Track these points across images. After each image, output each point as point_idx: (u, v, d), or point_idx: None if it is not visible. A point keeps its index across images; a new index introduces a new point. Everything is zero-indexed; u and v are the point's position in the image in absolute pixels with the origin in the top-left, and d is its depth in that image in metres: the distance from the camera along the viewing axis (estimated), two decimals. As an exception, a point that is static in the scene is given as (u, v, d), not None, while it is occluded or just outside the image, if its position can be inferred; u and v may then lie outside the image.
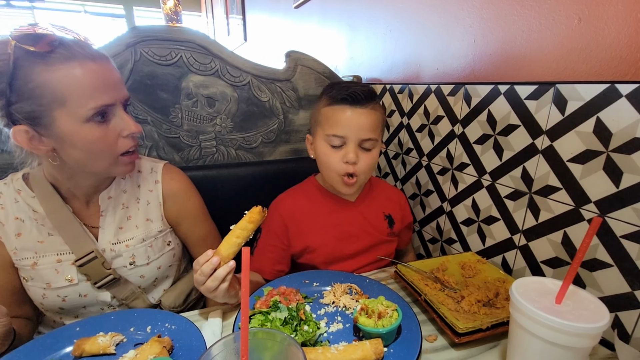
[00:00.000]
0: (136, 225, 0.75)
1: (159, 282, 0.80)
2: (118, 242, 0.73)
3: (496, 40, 0.77)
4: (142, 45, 0.97)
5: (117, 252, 0.72)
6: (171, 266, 0.82)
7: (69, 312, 0.73)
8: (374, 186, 0.95)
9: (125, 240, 0.73)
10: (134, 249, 0.74)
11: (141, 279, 0.75)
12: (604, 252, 0.61)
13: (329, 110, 0.79)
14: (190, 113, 1.06)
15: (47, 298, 0.69)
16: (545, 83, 0.67)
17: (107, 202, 0.73)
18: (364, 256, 0.89)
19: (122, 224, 0.74)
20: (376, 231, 0.90)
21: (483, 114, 0.80)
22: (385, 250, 0.92)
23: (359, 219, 0.88)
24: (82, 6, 4.68)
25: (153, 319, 0.63)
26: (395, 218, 0.93)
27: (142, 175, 0.79)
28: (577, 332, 0.41)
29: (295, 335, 0.57)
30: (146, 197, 0.77)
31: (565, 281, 0.45)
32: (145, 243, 0.75)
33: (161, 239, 0.78)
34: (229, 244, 0.62)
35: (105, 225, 0.73)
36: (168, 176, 0.81)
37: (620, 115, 0.56)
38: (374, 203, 0.92)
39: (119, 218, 0.74)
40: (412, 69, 1.04)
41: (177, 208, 0.81)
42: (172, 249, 0.81)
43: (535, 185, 0.71)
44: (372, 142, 0.78)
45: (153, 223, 0.77)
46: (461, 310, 0.64)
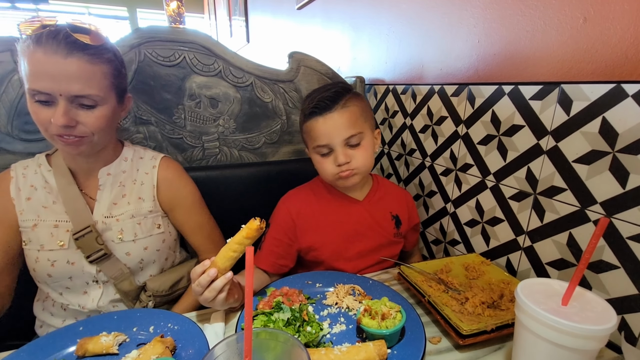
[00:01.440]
0: (128, 202, 0.80)
1: (145, 265, 0.81)
2: (110, 216, 0.77)
3: (500, 40, 0.77)
4: (146, 47, 0.97)
5: (107, 225, 0.77)
6: (159, 251, 0.83)
7: (57, 282, 0.75)
8: (381, 186, 0.94)
9: (116, 215, 0.78)
10: (123, 224, 0.78)
11: (127, 256, 0.78)
12: (610, 254, 0.60)
13: (307, 125, 0.82)
14: (193, 114, 1.07)
15: (39, 262, 0.73)
16: (550, 83, 0.66)
17: (105, 178, 0.79)
18: (370, 256, 0.89)
19: (116, 200, 0.79)
20: (383, 231, 0.90)
21: (487, 114, 0.80)
22: (391, 252, 0.92)
23: (366, 218, 0.89)
24: (87, 8, 4.72)
25: (156, 319, 0.63)
26: (402, 219, 0.93)
27: (143, 161, 0.85)
28: (584, 334, 0.41)
29: (298, 336, 0.57)
30: (142, 178, 0.83)
31: (572, 282, 0.45)
32: (134, 220, 0.79)
33: (151, 220, 0.81)
34: (225, 258, 0.61)
35: (101, 199, 0.78)
36: (165, 164, 0.86)
37: (627, 115, 0.56)
38: (381, 203, 0.92)
39: (114, 194, 0.79)
40: (416, 69, 1.04)
41: (171, 194, 0.84)
42: (161, 232, 0.83)
43: (540, 186, 0.70)
44: (356, 137, 0.79)
45: (144, 202, 0.81)
46: (465, 312, 0.63)
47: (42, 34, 0.62)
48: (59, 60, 0.62)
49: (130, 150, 0.85)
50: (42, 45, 0.61)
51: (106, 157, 0.80)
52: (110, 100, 0.71)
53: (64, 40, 0.62)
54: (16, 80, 0.86)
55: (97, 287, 0.77)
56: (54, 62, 0.61)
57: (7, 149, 0.88)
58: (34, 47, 0.61)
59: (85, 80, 0.64)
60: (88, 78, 0.65)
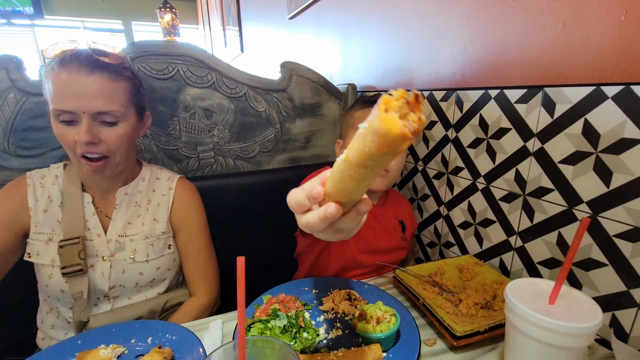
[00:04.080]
0: (142, 223, 0.81)
1: (156, 284, 0.82)
2: (125, 235, 0.79)
3: (485, 46, 0.79)
4: (140, 61, 0.99)
5: (121, 245, 0.78)
6: (170, 270, 0.84)
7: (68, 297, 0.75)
8: (389, 194, 1.00)
9: (130, 234, 0.79)
10: (137, 244, 0.79)
11: (140, 276, 0.79)
12: (598, 252, 0.61)
13: (362, 112, 0.87)
14: (188, 125, 1.08)
15: (52, 278, 0.73)
16: (534, 87, 0.68)
17: (122, 197, 0.80)
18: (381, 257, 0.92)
19: (131, 219, 0.80)
20: (395, 233, 0.95)
21: (475, 118, 0.82)
22: (397, 257, 0.97)
23: (381, 221, 0.93)
24: (82, 22, 4.75)
25: (154, 330, 0.63)
26: (407, 224, 0.98)
27: (160, 182, 0.87)
28: (571, 332, 0.42)
29: (294, 342, 0.58)
30: (158, 199, 0.84)
31: (558, 281, 0.46)
32: (147, 241, 0.80)
33: (163, 241, 0.83)
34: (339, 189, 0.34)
35: (117, 217, 0.79)
36: (181, 186, 0.88)
37: (608, 116, 0.57)
38: (391, 209, 0.97)
39: (130, 214, 0.80)
40: (405, 75, 1.06)
41: (181, 215, 0.86)
42: (172, 252, 0.85)
43: (529, 187, 0.72)
44: None
45: (159, 224, 0.82)
46: (459, 314, 0.64)
47: (65, 56, 0.66)
48: (82, 79, 0.65)
49: (148, 170, 0.87)
50: (66, 65, 0.65)
51: (125, 177, 0.82)
52: (131, 117, 0.73)
53: (86, 60, 0.66)
54: (12, 97, 0.87)
55: (108, 302, 0.78)
56: (77, 80, 0.65)
57: (4, 165, 0.89)
58: (59, 68, 0.65)
59: (107, 96, 0.67)
60: (110, 95, 0.68)
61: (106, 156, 0.70)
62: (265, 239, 1.15)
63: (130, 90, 0.72)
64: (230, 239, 1.11)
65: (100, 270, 0.76)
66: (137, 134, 0.78)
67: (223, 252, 1.03)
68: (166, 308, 0.82)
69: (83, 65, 0.65)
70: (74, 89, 0.65)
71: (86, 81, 0.65)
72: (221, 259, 0.98)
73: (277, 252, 1.13)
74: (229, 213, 1.10)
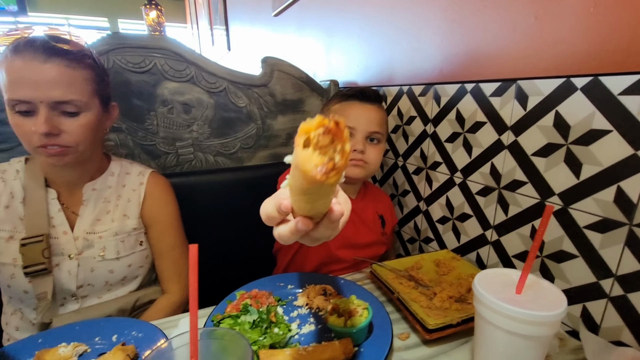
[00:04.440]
0: (112, 219, 0.78)
1: (127, 282, 0.80)
2: (93, 232, 0.76)
3: (461, 40, 0.79)
4: (115, 54, 0.97)
5: (89, 242, 0.75)
6: (142, 267, 0.82)
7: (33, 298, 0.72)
8: (369, 188, 1.00)
9: (99, 231, 0.76)
10: (106, 241, 0.76)
11: (110, 274, 0.76)
12: (569, 244, 0.62)
13: (339, 106, 0.86)
14: (166, 120, 1.06)
15: (14, 278, 0.70)
16: (508, 80, 0.69)
17: (90, 193, 0.77)
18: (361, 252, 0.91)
19: (100, 216, 0.77)
20: (374, 227, 0.94)
21: (452, 112, 0.82)
22: (377, 252, 0.95)
23: (360, 215, 0.92)
24: (66, 19, 4.66)
25: (120, 327, 0.61)
26: (387, 219, 0.97)
27: (130, 177, 0.83)
28: (535, 320, 0.41)
29: (264, 337, 0.57)
30: (128, 195, 0.81)
31: (524, 271, 0.46)
32: (117, 237, 0.77)
33: (134, 237, 0.80)
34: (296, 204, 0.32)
35: (84, 214, 0.76)
36: (153, 180, 0.85)
37: (577, 108, 0.58)
38: (370, 203, 0.96)
39: (98, 210, 0.77)
40: (386, 71, 1.06)
41: (153, 210, 0.83)
42: (144, 249, 0.82)
43: (503, 180, 0.72)
44: (378, 136, 0.85)
45: (129, 220, 0.80)
46: (433, 307, 0.64)
47: (19, 42, 0.62)
48: (37, 66, 0.61)
49: (117, 164, 0.83)
50: (20, 53, 0.61)
51: (92, 172, 0.78)
52: (94, 107, 0.70)
53: (42, 47, 0.62)
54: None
55: (75, 301, 0.75)
56: (32, 68, 0.61)
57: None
58: (12, 56, 0.61)
59: (66, 85, 0.64)
60: (69, 83, 0.64)
61: (68, 146, 0.67)
62: (245, 236, 1.13)
63: (93, 78, 0.69)
64: (210, 237, 1.09)
65: (67, 269, 0.73)
66: (103, 126, 0.75)
67: (201, 250, 1.01)
68: (137, 306, 0.79)
69: (38, 52, 0.61)
70: (30, 77, 0.61)
71: (42, 68, 0.61)
72: (199, 256, 0.96)
73: (257, 249, 1.11)
74: (208, 210, 1.08)
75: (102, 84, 0.72)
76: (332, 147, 0.24)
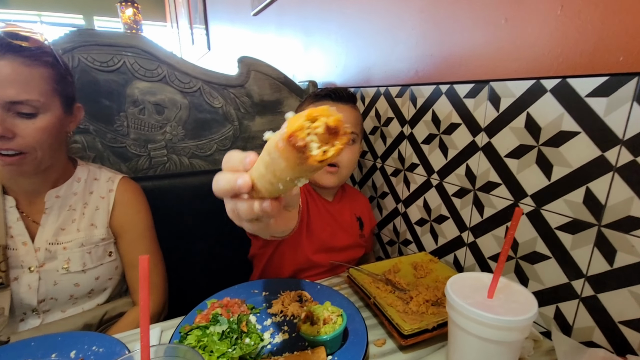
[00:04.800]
0: (78, 229, 0.73)
1: (95, 295, 0.76)
2: (56, 242, 0.71)
3: (435, 41, 0.79)
4: (80, 51, 0.92)
5: (52, 253, 0.70)
6: (111, 279, 0.78)
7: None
8: (346, 190, 0.99)
9: (63, 242, 0.72)
10: (71, 252, 0.72)
11: (75, 287, 0.72)
12: (542, 245, 0.62)
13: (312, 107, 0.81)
14: (137, 121, 1.02)
15: None
16: (481, 81, 0.68)
17: (53, 201, 0.72)
18: (342, 254, 0.90)
19: (64, 225, 0.73)
20: (351, 230, 0.93)
21: (428, 114, 0.81)
22: (355, 255, 0.94)
23: (337, 218, 0.91)
24: (39, 16, 4.47)
25: (79, 342, 0.57)
26: (365, 221, 0.97)
27: (99, 183, 0.79)
28: (505, 325, 0.41)
29: (234, 349, 0.54)
30: (96, 202, 0.76)
31: (495, 274, 0.45)
32: (83, 248, 0.73)
33: (102, 248, 0.76)
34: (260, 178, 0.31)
35: (46, 223, 0.71)
36: (123, 187, 0.80)
37: (547, 109, 0.58)
38: (347, 205, 0.95)
39: (62, 219, 0.73)
40: (363, 72, 1.05)
41: (123, 218, 0.79)
42: (113, 259, 0.78)
43: (478, 182, 0.72)
44: (353, 136, 0.84)
45: (97, 229, 0.75)
46: (409, 312, 0.63)
47: None
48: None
49: (84, 169, 0.78)
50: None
51: (54, 178, 0.73)
52: (54, 108, 0.65)
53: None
54: None
55: (37, 317, 0.71)
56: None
57: None
58: None
59: (21, 83, 0.59)
60: (25, 81, 0.60)
61: (23, 152, 0.62)
62: (222, 241, 1.09)
63: (53, 77, 0.65)
64: (184, 243, 1.05)
65: (27, 282, 0.69)
66: (65, 128, 0.70)
67: (176, 257, 0.97)
68: (105, 320, 0.75)
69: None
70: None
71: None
72: (173, 263, 0.92)
73: (234, 255, 1.08)
74: (183, 215, 1.05)
75: (63, 84, 0.67)
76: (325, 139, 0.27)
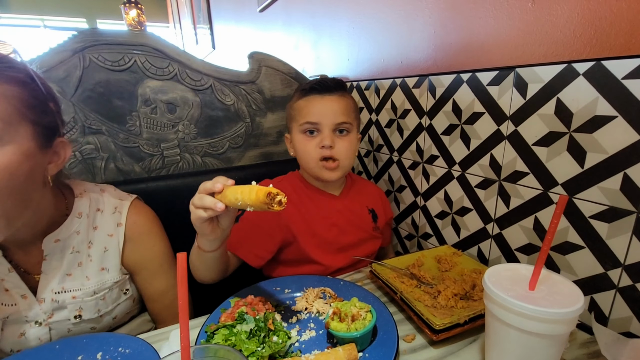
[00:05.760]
0: (87, 276, 0.65)
1: (114, 327, 0.72)
2: (63, 291, 0.63)
3: (455, 29, 0.76)
4: (91, 51, 0.91)
5: (60, 304, 0.62)
6: (129, 313, 0.74)
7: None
8: (355, 181, 0.94)
9: (72, 289, 0.63)
10: (82, 302, 0.64)
11: (92, 330, 0.67)
12: (574, 234, 0.60)
13: (301, 102, 0.81)
14: (149, 120, 1.01)
15: None
16: (506, 68, 0.66)
17: (52, 246, 0.62)
18: (352, 251, 0.86)
19: (70, 270, 0.64)
20: (363, 224, 0.89)
21: (448, 104, 0.79)
22: (371, 248, 0.90)
23: (345, 213, 0.87)
24: (42, 20, 4.49)
25: (105, 343, 0.56)
26: (379, 213, 0.92)
27: (103, 216, 0.67)
28: (553, 318, 0.39)
29: (262, 347, 0.53)
30: (104, 243, 0.67)
31: (537, 266, 0.43)
32: (96, 296, 0.65)
33: (117, 290, 0.69)
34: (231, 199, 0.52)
35: (48, 270, 0.62)
36: (133, 218, 0.70)
37: (579, 94, 0.56)
38: (357, 197, 0.91)
39: (67, 263, 0.63)
40: (377, 64, 1.03)
41: (137, 256, 0.70)
42: (130, 295, 0.72)
43: (504, 172, 0.70)
44: (346, 126, 0.80)
45: (109, 273, 0.67)
46: (438, 306, 0.61)
47: None
48: None
49: (85, 201, 0.65)
50: None
51: (47, 223, 0.61)
52: (20, 139, 0.49)
53: None
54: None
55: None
56: None
57: None
58: None
59: None
60: None
61: None
62: (237, 239, 1.08)
63: (20, 98, 0.50)
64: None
65: (36, 336, 0.62)
66: (40, 168, 0.54)
67: (191, 255, 0.96)
68: None
69: None
70: None
71: None
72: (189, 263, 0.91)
73: (250, 253, 1.07)
74: (197, 213, 1.04)
75: (38, 110, 0.53)
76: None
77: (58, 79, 0.88)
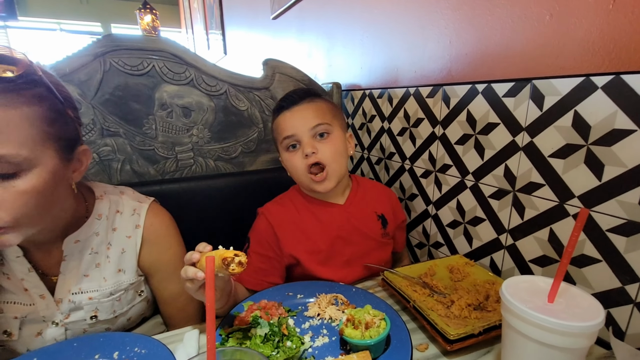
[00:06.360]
0: (104, 278, 0.65)
1: (128, 331, 0.73)
2: (80, 292, 0.64)
3: (471, 40, 0.77)
4: (112, 55, 0.93)
5: (77, 304, 0.63)
6: (143, 314, 0.75)
7: None
8: (362, 186, 0.91)
9: (89, 290, 0.64)
10: (98, 303, 0.65)
11: (107, 331, 0.68)
12: (591, 248, 0.60)
13: (276, 121, 0.84)
14: (165, 124, 1.02)
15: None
16: (522, 80, 0.67)
17: (72, 247, 0.62)
18: (360, 262, 0.83)
19: (88, 271, 0.64)
20: (371, 232, 0.85)
21: (462, 114, 0.80)
22: (381, 256, 0.87)
23: (350, 222, 0.84)
24: (58, 24, 4.60)
25: (121, 343, 0.57)
26: (388, 217, 0.89)
27: (122, 217, 0.68)
28: (573, 331, 0.39)
29: (277, 352, 0.53)
30: (122, 244, 0.67)
31: (557, 278, 0.43)
32: (112, 297, 0.66)
33: (132, 291, 0.70)
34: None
35: (66, 270, 0.63)
36: (151, 220, 0.70)
37: (597, 107, 0.56)
38: (363, 203, 0.88)
39: (85, 264, 0.64)
40: (391, 73, 1.04)
41: (153, 257, 0.71)
42: (145, 297, 0.73)
43: (519, 182, 0.70)
44: (324, 127, 0.79)
45: (125, 275, 0.68)
46: (452, 316, 0.61)
47: None
48: None
49: (105, 203, 0.67)
50: None
51: (67, 226, 0.62)
52: (46, 160, 0.50)
53: None
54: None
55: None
56: None
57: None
58: None
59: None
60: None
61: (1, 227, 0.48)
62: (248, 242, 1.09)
63: (42, 117, 0.49)
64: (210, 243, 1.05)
65: (52, 337, 0.63)
66: (64, 181, 0.55)
67: (202, 258, 0.97)
68: None
69: None
70: None
71: None
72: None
73: (260, 257, 1.07)
74: (209, 217, 1.05)
75: (60, 123, 0.52)
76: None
77: (79, 82, 0.90)
